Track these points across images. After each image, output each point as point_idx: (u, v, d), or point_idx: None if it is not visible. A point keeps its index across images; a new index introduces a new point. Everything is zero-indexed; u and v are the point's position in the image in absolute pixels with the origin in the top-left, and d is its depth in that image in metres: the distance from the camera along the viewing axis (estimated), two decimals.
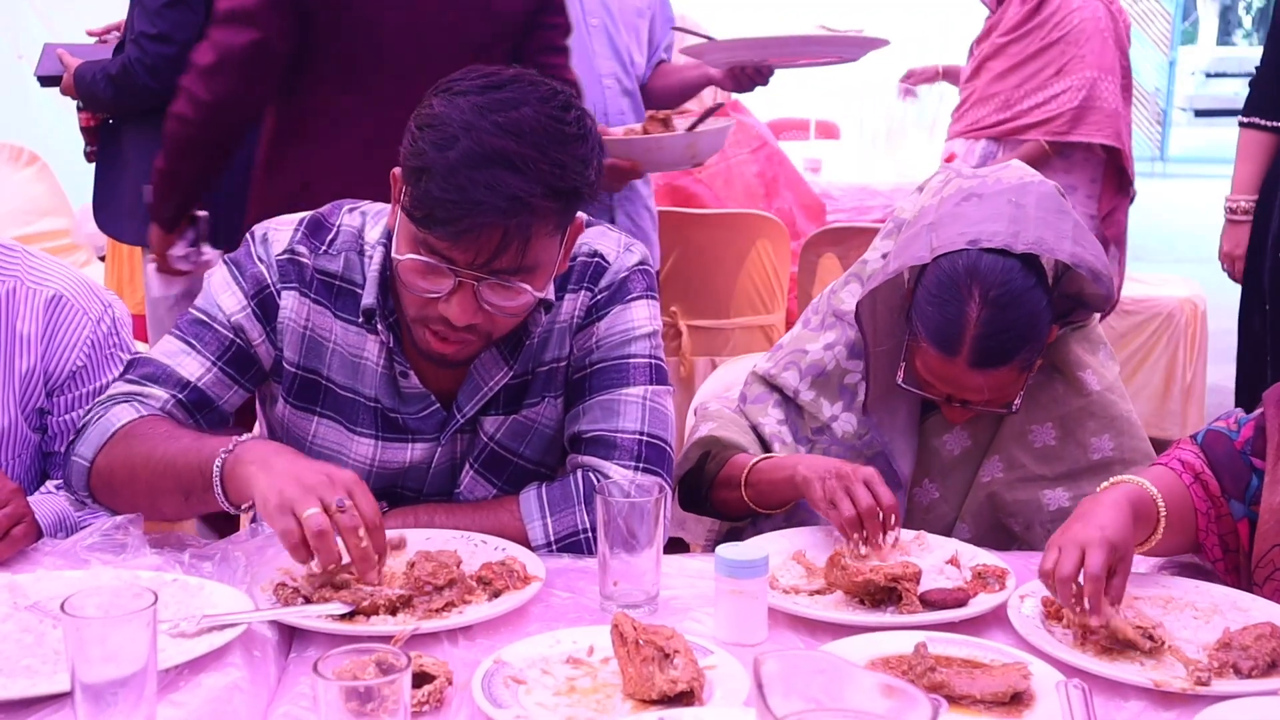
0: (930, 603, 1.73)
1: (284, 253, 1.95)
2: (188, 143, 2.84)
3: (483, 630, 1.66)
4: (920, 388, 2.04)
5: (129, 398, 1.90)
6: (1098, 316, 2.16)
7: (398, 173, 1.80)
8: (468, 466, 2.02)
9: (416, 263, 1.76)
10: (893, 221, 2.18)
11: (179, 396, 1.91)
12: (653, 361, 2.01)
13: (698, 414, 2.34)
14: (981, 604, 1.73)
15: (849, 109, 6.03)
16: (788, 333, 2.32)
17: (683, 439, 2.30)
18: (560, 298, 1.98)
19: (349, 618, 1.64)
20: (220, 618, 1.59)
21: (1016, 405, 2.03)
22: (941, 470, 2.16)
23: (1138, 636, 1.59)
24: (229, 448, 1.73)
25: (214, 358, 1.93)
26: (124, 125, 3.54)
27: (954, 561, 1.87)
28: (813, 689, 1.16)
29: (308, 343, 1.96)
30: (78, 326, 2.14)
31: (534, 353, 1.99)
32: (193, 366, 1.92)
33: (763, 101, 4.93)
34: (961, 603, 1.73)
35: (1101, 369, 2.13)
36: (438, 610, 1.66)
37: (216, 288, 1.96)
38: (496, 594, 1.72)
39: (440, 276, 1.76)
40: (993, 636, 1.67)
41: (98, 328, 2.15)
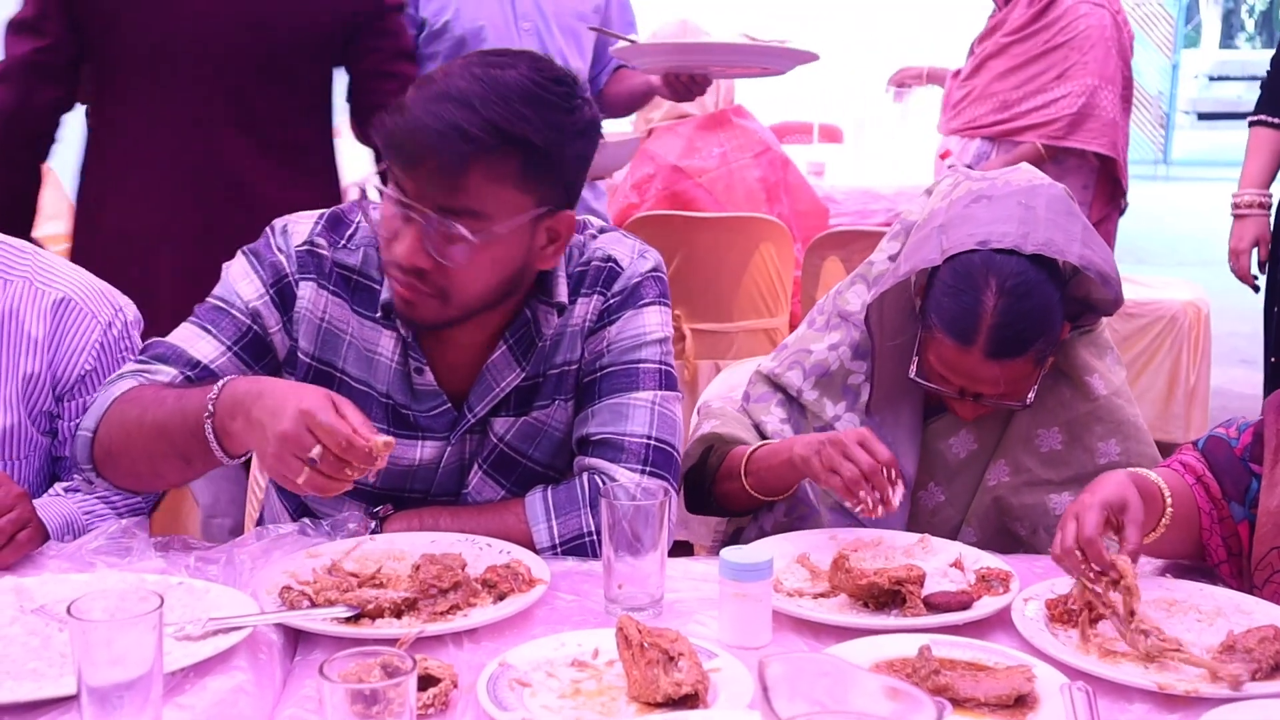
0: (934, 606, 1.73)
1: (303, 244, 1.96)
2: None
3: (488, 633, 1.66)
4: (933, 381, 2.04)
5: (135, 375, 1.90)
6: (1104, 321, 2.16)
7: None
8: (476, 467, 2.02)
9: (383, 201, 1.81)
10: (899, 224, 2.19)
11: (188, 374, 1.90)
12: (662, 367, 2.02)
13: (700, 413, 2.34)
14: (985, 607, 1.73)
15: (849, 112, 6.03)
16: (792, 333, 2.33)
17: (687, 440, 2.30)
18: (573, 301, 2.00)
19: (354, 620, 1.64)
20: (226, 621, 1.59)
21: (1030, 399, 2.02)
22: (947, 473, 2.16)
23: (1140, 623, 1.61)
24: (210, 410, 1.72)
25: (229, 342, 1.93)
26: None
27: (958, 564, 1.87)
28: (817, 692, 1.16)
29: (323, 335, 1.97)
30: (86, 330, 2.13)
31: (545, 355, 2.00)
32: (207, 349, 1.92)
33: (766, 105, 4.94)
34: (965, 605, 1.73)
35: (1108, 373, 2.13)
36: (443, 613, 1.67)
37: (235, 276, 1.97)
38: (501, 597, 1.72)
39: (394, 210, 1.79)
40: (997, 639, 1.67)
41: (107, 332, 2.15)
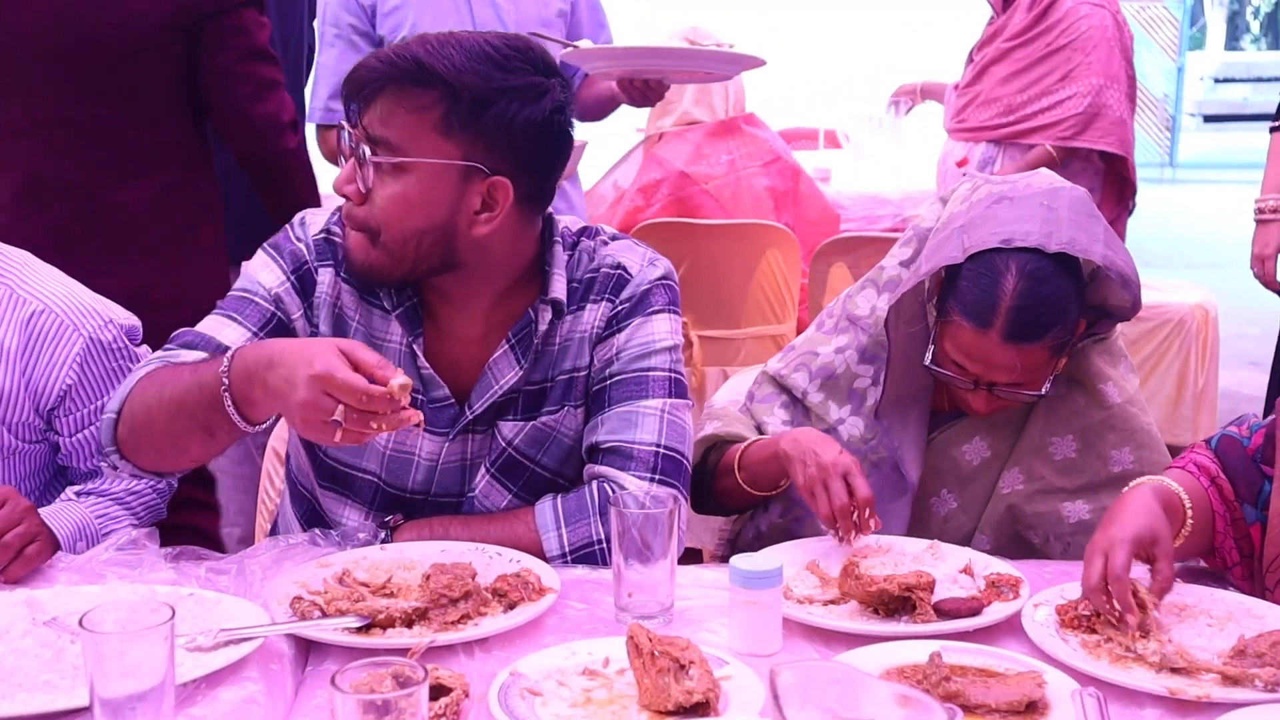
0: (944, 612, 1.73)
1: (320, 233, 2.00)
2: None
3: (498, 642, 1.66)
4: (948, 369, 2.03)
5: (160, 360, 1.90)
6: (1119, 328, 2.16)
7: None
8: (484, 469, 2.03)
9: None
10: (912, 229, 2.19)
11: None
12: (672, 375, 2.02)
13: (705, 414, 2.34)
14: (996, 613, 1.73)
15: (848, 119, 6.03)
16: (801, 334, 2.33)
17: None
18: (581, 307, 2.01)
19: (365, 631, 1.64)
20: (237, 631, 1.59)
21: (1045, 390, 2.02)
22: (960, 480, 2.16)
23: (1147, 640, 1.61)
24: (224, 382, 1.71)
25: (255, 328, 1.94)
26: None
27: (968, 570, 1.87)
28: (828, 699, 1.16)
29: (335, 319, 1.99)
30: (65, 343, 2.11)
31: (554, 360, 2.01)
32: (233, 335, 1.93)
33: (772, 111, 4.94)
34: (976, 612, 1.73)
35: (1122, 381, 2.13)
36: (453, 623, 1.67)
37: (255, 268, 2.00)
38: (512, 606, 1.72)
39: (344, 143, 1.88)
40: (1007, 645, 1.67)
41: (92, 344, 2.12)
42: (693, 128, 4.54)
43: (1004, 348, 1.95)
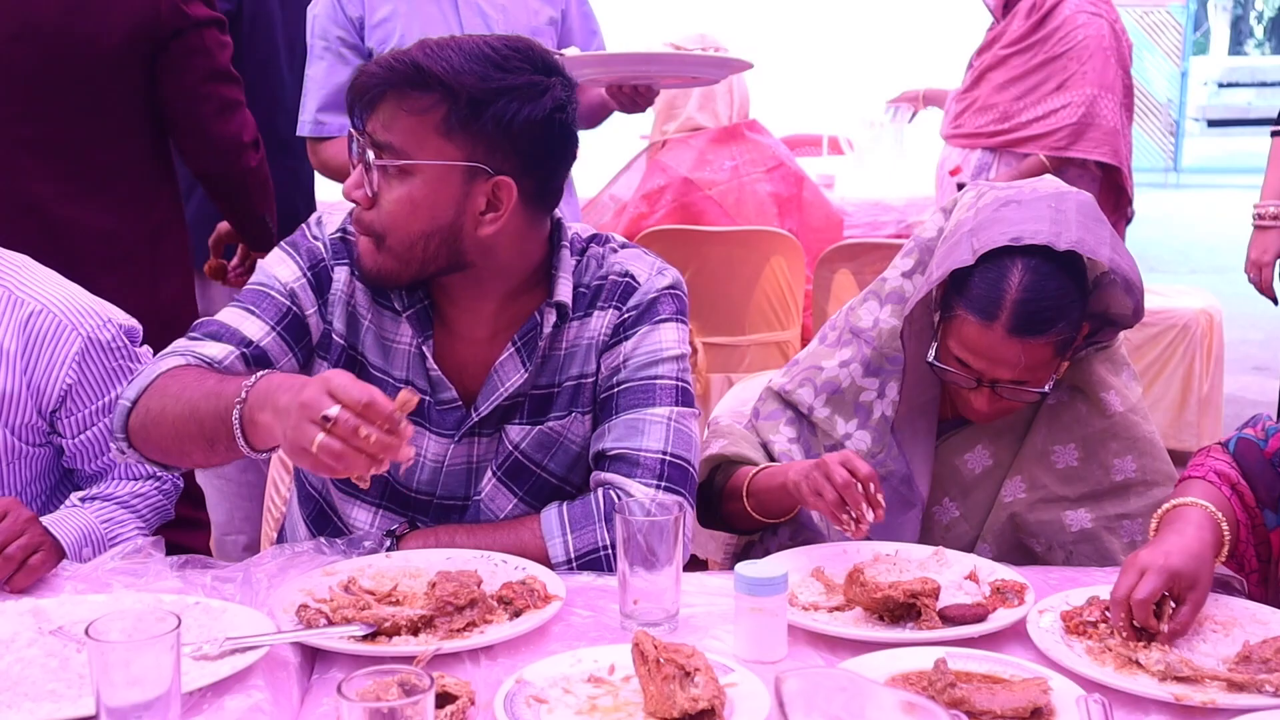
0: (949, 618, 1.73)
1: (336, 232, 2.02)
2: None
3: (504, 650, 1.66)
4: (951, 366, 2.03)
5: (184, 352, 1.90)
6: (1122, 336, 2.16)
7: None
8: (490, 473, 2.03)
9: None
10: (914, 240, 2.18)
11: (244, 352, 1.92)
12: (679, 384, 2.03)
13: (710, 430, 2.34)
14: (1001, 619, 1.73)
15: (856, 125, 6.04)
16: (804, 348, 2.33)
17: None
18: (589, 314, 2.02)
19: (371, 639, 1.65)
20: (243, 640, 1.59)
21: (1047, 389, 2.02)
22: (962, 489, 2.16)
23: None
24: (242, 397, 1.70)
25: (273, 323, 1.96)
26: None
27: (973, 577, 1.87)
28: (833, 706, 1.16)
29: (349, 317, 2.01)
30: (64, 342, 2.11)
31: (559, 365, 2.02)
32: (254, 329, 1.94)
33: (776, 117, 4.95)
34: (981, 618, 1.73)
35: (1125, 390, 2.13)
36: (459, 630, 1.67)
37: (271, 263, 2.01)
38: (517, 613, 1.73)
39: (353, 152, 1.89)
40: (1012, 651, 1.67)
41: (90, 343, 2.13)
42: (696, 134, 4.55)
43: (1008, 342, 1.95)
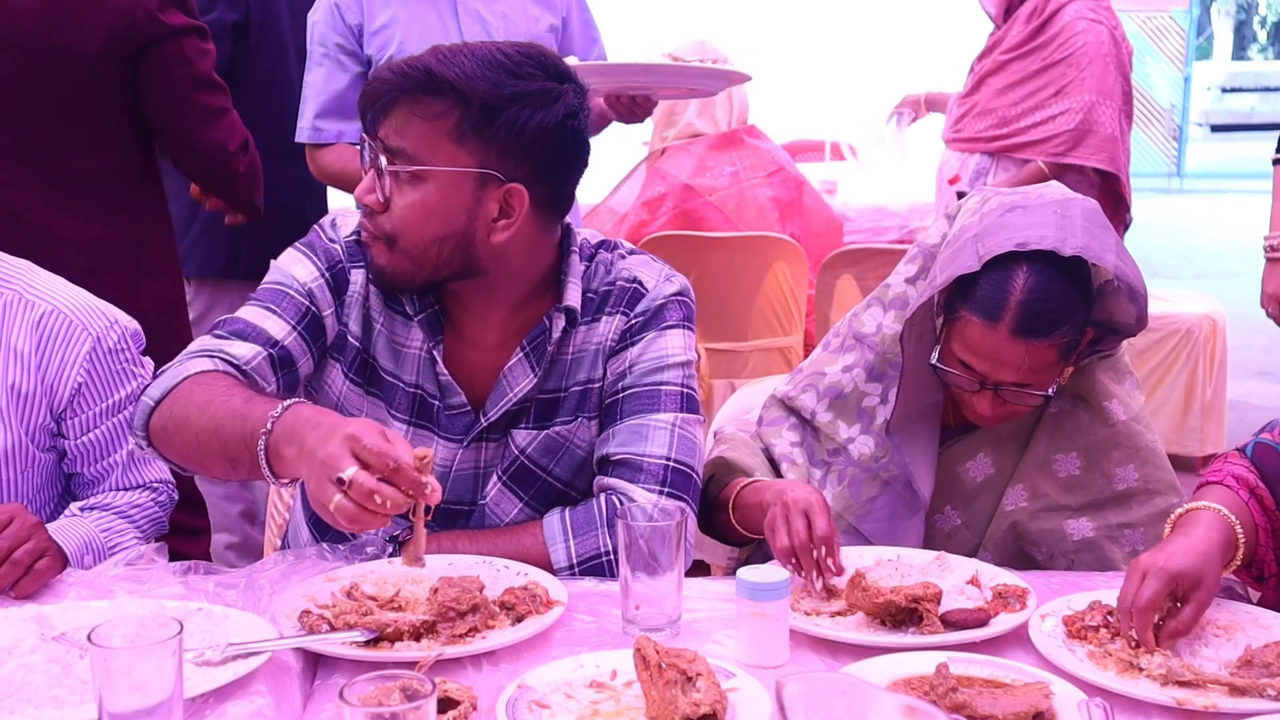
0: (951, 623, 1.73)
1: (352, 235, 2.02)
2: None
3: (506, 655, 1.67)
4: (954, 369, 2.02)
5: (211, 354, 1.89)
6: (1125, 345, 2.16)
7: None
8: (495, 477, 2.04)
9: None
10: (917, 247, 2.18)
11: (270, 353, 1.92)
12: (684, 390, 2.03)
13: (715, 438, 2.34)
14: (1002, 624, 1.73)
15: (858, 131, 6.04)
16: (809, 356, 2.33)
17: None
18: (596, 319, 2.03)
19: (373, 644, 1.65)
20: (245, 646, 1.60)
21: (1051, 392, 2.02)
22: (964, 497, 2.16)
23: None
24: (268, 428, 1.67)
25: (294, 322, 1.96)
26: None
27: (975, 582, 1.87)
28: (835, 711, 1.17)
29: (364, 320, 2.01)
30: (75, 342, 2.13)
31: (567, 370, 2.03)
32: (276, 328, 1.94)
33: (777, 124, 4.95)
34: (982, 623, 1.73)
35: (1127, 399, 2.13)
36: (461, 636, 1.67)
37: (288, 263, 2.01)
38: (519, 619, 1.73)
39: (365, 154, 1.90)
40: (1014, 656, 1.67)
41: (99, 344, 2.14)
42: (695, 140, 4.55)
43: (1012, 343, 1.95)
